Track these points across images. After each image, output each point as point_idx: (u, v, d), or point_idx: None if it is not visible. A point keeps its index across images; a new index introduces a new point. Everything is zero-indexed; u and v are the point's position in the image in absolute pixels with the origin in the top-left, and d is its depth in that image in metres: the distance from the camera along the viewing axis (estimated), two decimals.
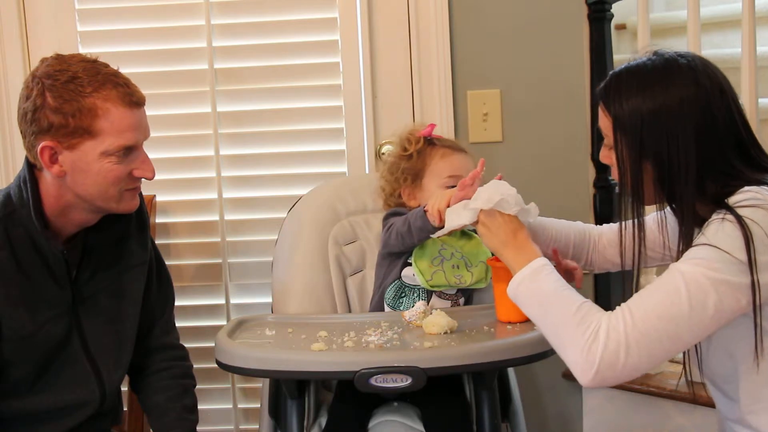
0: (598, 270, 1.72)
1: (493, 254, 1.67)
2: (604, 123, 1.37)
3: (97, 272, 1.60)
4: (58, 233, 1.55)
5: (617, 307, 1.27)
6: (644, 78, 1.31)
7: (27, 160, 1.53)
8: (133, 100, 1.50)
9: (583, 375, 1.25)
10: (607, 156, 1.39)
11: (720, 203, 1.25)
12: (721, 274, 1.20)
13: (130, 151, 1.51)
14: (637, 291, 1.28)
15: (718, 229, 1.22)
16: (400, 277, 1.77)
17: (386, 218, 1.81)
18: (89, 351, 1.59)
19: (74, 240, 1.59)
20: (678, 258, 1.27)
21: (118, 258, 1.64)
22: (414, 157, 1.82)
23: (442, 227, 1.62)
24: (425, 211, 1.66)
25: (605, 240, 1.68)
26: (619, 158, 1.33)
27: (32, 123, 1.46)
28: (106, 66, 1.51)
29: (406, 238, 1.71)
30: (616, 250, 1.61)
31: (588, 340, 1.24)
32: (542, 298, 1.33)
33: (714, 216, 1.25)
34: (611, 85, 1.35)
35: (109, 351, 1.63)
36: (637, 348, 1.22)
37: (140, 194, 1.68)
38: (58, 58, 1.49)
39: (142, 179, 1.56)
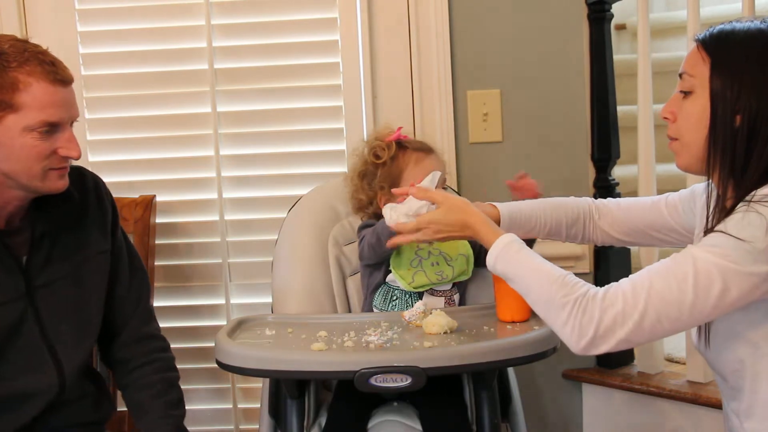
0: (601, 243, 1.67)
1: None
2: (697, 66, 1.31)
3: (53, 260, 1.59)
4: None
5: (617, 283, 1.27)
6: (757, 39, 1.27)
7: None
8: (58, 77, 1.49)
9: (574, 344, 1.27)
10: (671, 109, 1.35)
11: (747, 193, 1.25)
12: (734, 263, 1.19)
13: (55, 128, 1.49)
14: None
15: (743, 218, 1.22)
16: (385, 282, 1.78)
17: (359, 230, 1.81)
18: (47, 337, 1.58)
19: (18, 225, 1.56)
20: (706, 230, 1.27)
21: (77, 246, 1.62)
22: (389, 164, 1.81)
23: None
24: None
25: (614, 215, 1.62)
26: (714, 102, 1.28)
27: None
28: (36, 46, 1.50)
29: (376, 248, 1.70)
30: (624, 226, 1.60)
31: (580, 309, 1.25)
32: (521, 272, 1.34)
33: (740, 205, 1.24)
34: (717, 31, 1.31)
35: (70, 337, 1.61)
36: (634, 326, 1.23)
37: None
38: None
39: (71, 160, 1.53)
